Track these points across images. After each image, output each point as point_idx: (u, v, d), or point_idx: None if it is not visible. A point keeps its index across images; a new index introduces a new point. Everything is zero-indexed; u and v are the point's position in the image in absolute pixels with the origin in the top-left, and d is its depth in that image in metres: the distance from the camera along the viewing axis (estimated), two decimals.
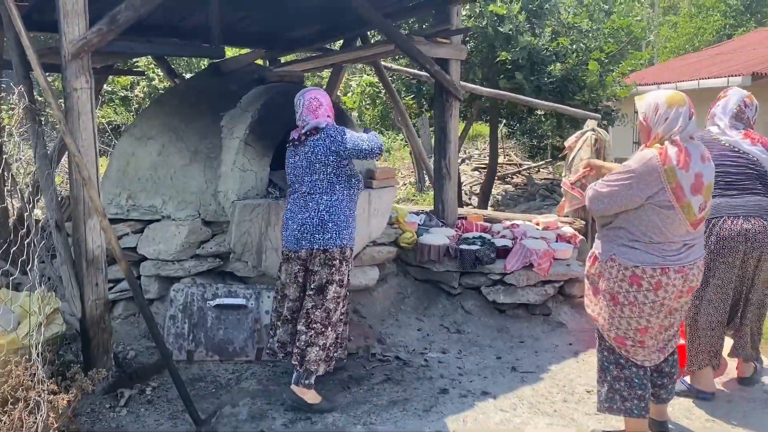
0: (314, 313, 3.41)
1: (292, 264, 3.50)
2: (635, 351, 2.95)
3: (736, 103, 3.56)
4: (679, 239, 2.79)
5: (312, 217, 3.39)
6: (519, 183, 12.22)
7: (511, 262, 4.72)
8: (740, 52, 13.93)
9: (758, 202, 3.43)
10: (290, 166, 3.53)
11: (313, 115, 3.46)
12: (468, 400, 3.58)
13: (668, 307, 2.87)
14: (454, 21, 5.13)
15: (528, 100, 7.08)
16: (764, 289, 3.60)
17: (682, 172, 2.71)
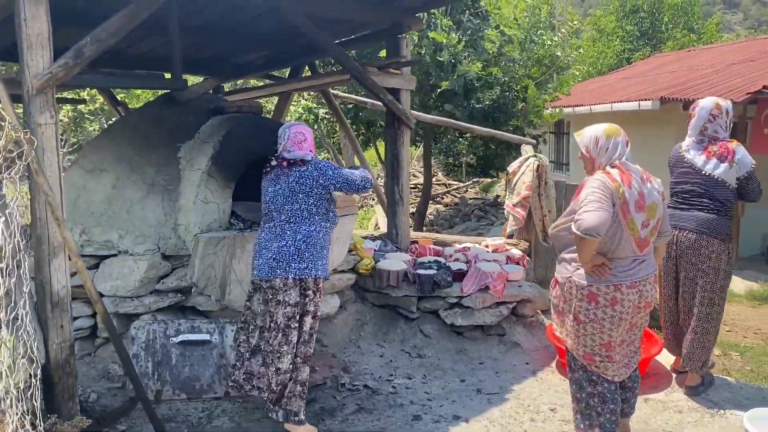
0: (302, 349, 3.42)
1: (266, 293, 3.44)
2: (605, 366, 3.13)
3: (698, 125, 3.94)
4: (627, 257, 3.01)
5: (289, 245, 3.37)
6: (449, 202, 12.53)
7: (467, 285, 4.87)
8: (646, 76, 14.95)
9: (699, 217, 3.89)
10: (269, 193, 3.49)
11: (297, 147, 3.50)
12: (442, 425, 3.67)
13: (627, 321, 3.07)
14: (404, 52, 5.28)
15: (469, 127, 7.35)
16: (701, 301, 3.95)
17: (627, 189, 2.95)
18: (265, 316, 3.47)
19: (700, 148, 3.92)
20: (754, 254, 10.66)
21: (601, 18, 26.79)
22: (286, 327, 3.39)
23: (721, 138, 3.89)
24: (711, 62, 13.25)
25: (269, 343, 3.43)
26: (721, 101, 3.96)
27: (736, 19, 68.35)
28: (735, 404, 3.93)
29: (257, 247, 3.50)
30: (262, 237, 3.51)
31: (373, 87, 4.80)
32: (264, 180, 3.58)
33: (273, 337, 3.41)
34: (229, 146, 4.31)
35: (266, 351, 3.45)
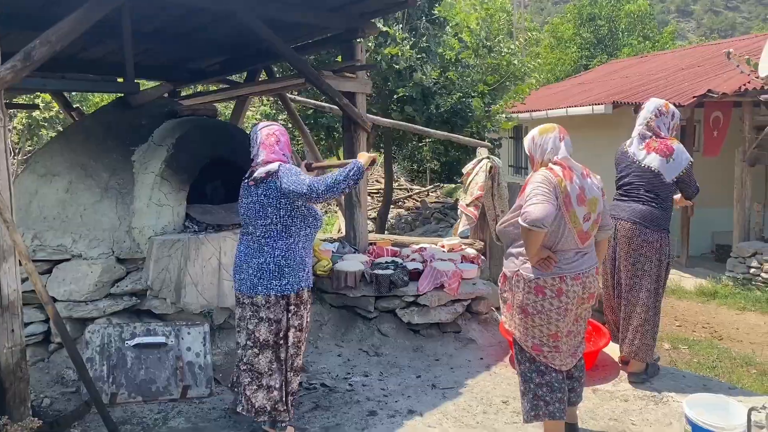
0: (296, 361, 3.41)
1: (247, 309, 3.32)
2: (552, 357, 3.24)
3: (645, 117, 4.14)
4: (570, 249, 3.14)
5: (269, 262, 3.24)
6: (411, 207, 12.67)
7: (423, 284, 4.97)
8: (600, 82, 15.38)
9: (635, 208, 4.10)
10: (243, 206, 3.33)
11: (269, 150, 3.27)
12: (397, 419, 3.74)
13: (572, 312, 3.19)
14: (359, 56, 5.37)
15: (426, 131, 7.48)
16: (638, 289, 4.12)
17: (569, 184, 3.08)
18: (241, 333, 3.35)
19: (642, 143, 4.12)
20: (704, 252, 11.04)
21: (559, 26, 27.37)
22: (275, 344, 3.30)
23: (663, 136, 4.09)
24: (661, 68, 13.69)
25: (253, 362, 3.31)
26: (670, 104, 4.19)
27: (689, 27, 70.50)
28: (677, 392, 4.09)
29: (237, 260, 3.36)
30: (241, 250, 3.36)
31: (328, 90, 4.88)
32: (241, 187, 3.38)
33: (257, 355, 3.29)
34: (183, 149, 4.34)
35: (246, 369, 3.34)
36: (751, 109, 9.19)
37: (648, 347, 4.16)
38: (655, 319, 4.14)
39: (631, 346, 4.18)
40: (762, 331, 7.22)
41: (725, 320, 7.85)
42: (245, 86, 5.83)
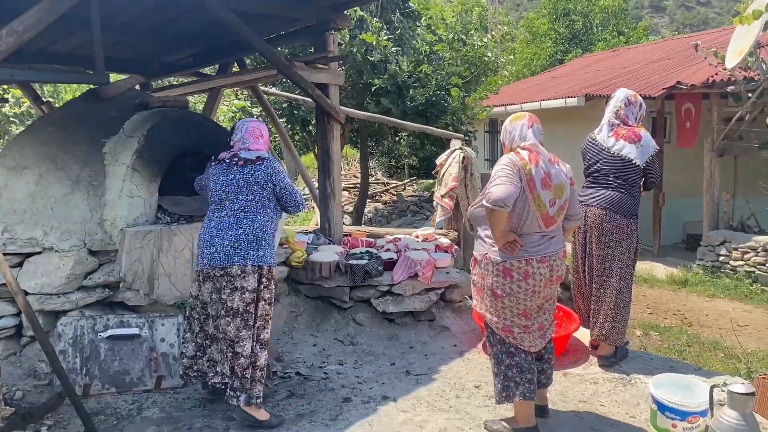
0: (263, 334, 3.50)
1: (219, 281, 3.42)
2: (522, 338, 3.34)
3: (615, 105, 4.25)
4: (536, 232, 3.24)
5: (247, 233, 3.42)
6: (387, 200, 12.72)
7: (397, 273, 5.02)
8: (573, 75, 15.55)
9: (604, 194, 4.18)
10: (221, 182, 3.49)
11: (254, 140, 3.58)
12: (371, 405, 3.78)
13: (540, 294, 3.28)
14: (331, 48, 5.39)
15: (400, 123, 7.51)
16: (609, 274, 4.21)
17: (534, 167, 3.19)
18: (216, 304, 3.45)
19: (611, 130, 4.21)
20: (676, 242, 11.25)
21: (534, 21, 27.59)
22: (245, 312, 3.41)
23: (630, 124, 4.20)
24: (633, 61, 13.89)
25: (226, 330, 3.42)
26: (637, 95, 4.31)
27: (662, 23, 71.38)
28: (645, 374, 4.19)
29: (206, 236, 3.47)
30: (212, 226, 3.48)
31: (300, 82, 4.89)
32: (212, 167, 3.60)
33: (229, 323, 3.40)
34: (154, 141, 4.33)
35: (224, 338, 3.44)
36: (718, 100, 9.37)
37: (618, 331, 4.25)
38: (625, 303, 4.23)
39: (602, 330, 4.27)
40: (730, 317, 7.40)
41: (695, 307, 8.03)
42: (217, 78, 5.82)
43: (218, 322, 3.46)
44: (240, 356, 3.41)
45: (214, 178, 3.56)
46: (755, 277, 8.74)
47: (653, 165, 4.19)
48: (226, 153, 3.60)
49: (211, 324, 3.50)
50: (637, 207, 4.24)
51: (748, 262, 8.90)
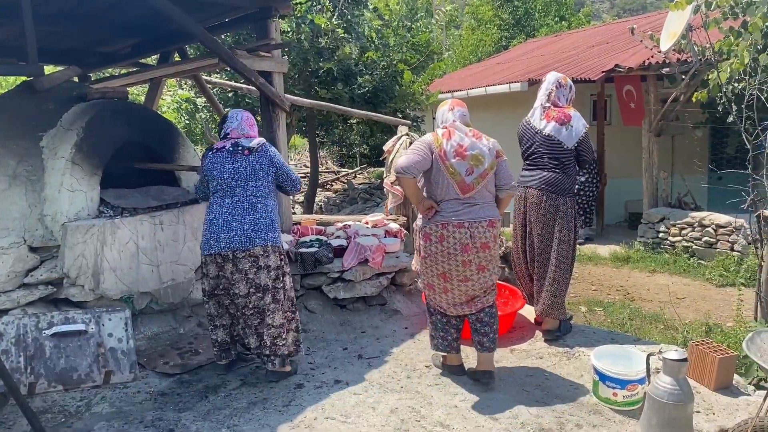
0: (290, 303, 3.90)
1: (242, 262, 3.70)
2: (440, 298, 3.78)
3: (546, 88, 4.44)
4: (453, 199, 3.60)
5: (264, 217, 3.73)
6: (338, 189, 12.73)
7: (347, 259, 5.06)
8: (517, 61, 15.80)
9: (541, 175, 4.35)
10: (229, 170, 3.72)
11: (251, 129, 3.88)
12: (323, 390, 3.83)
13: (457, 257, 3.62)
14: (273, 35, 5.36)
15: (347, 110, 7.52)
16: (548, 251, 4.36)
17: (446, 140, 3.61)
18: (239, 284, 3.73)
19: (543, 113, 4.36)
20: (618, 221, 11.62)
21: (478, 7, 27.84)
22: (273, 288, 3.76)
23: (561, 105, 4.35)
24: (574, 45, 14.20)
25: (257, 305, 3.76)
26: (567, 78, 4.50)
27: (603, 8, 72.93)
28: (588, 346, 4.35)
29: (221, 221, 3.70)
30: (225, 212, 3.72)
31: (243, 70, 4.85)
32: (212, 156, 3.79)
33: (261, 299, 3.75)
34: (94, 133, 4.24)
35: (254, 313, 3.78)
36: (655, 82, 9.69)
37: (559, 305, 4.41)
38: (564, 278, 4.39)
39: (543, 306, 4.42)
40: (669, 291, 7.71)
41: (637, 282, 8.33)
42: (158, 68, 5.70)
43: (245, 300, 3.76)
44: (271, 327, 3.78)
45: (218, 166, 3.76)
46: (692, 251, 9.12)
47: (584, 144, 4.36)
48: (224, 141, 3.84)
49: (232, 302, 3.81)
50: (573, 186, 4.40)
51: (686, 237, 9.27)
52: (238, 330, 3.92)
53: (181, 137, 4.95)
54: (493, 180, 3.72)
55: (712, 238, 8.93)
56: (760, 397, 3.38)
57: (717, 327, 5.56)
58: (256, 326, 3.81)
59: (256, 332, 3.83)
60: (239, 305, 3.79)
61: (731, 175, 5.23)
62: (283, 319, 3.83)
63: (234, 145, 3.78)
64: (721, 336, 4.71)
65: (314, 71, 8.54)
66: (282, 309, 3.83)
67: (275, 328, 3.80)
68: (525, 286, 4.69)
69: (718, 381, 3.68)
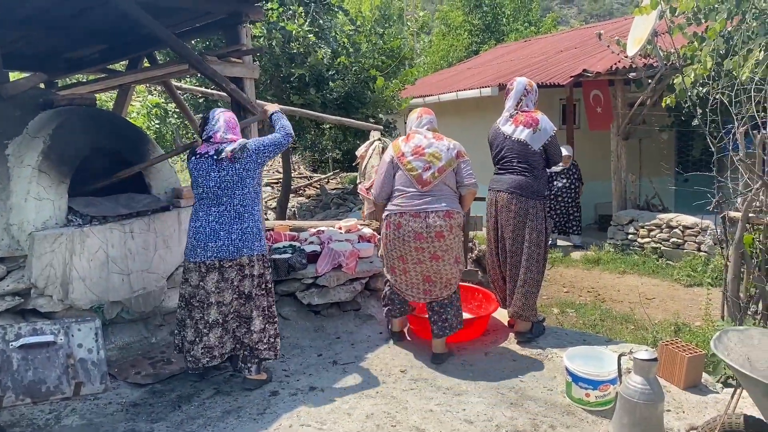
0: (272, 309, 3.90)
1: (228, 271, 3.72)
2: (400, 280, 4.22)
3: (516, 97, 4.51)
4: (411, 190, 4.01)
5: (251, 226, 3.75)
6: (311, 194, 12.68)
7: (321, 265, 5.04)
8: (488, 66, 15.97)
9: (511, 179, 4.43)
10: (214, 179, 3.69)
11: (232, 132, 3.83)
12: (298, 397, 3.81)
13: (411, 244, 4.01)
14: (244, 41, 5.32)
15: (319, 115, 7.51)
16: (520, 254, 4.41)
17: (404, 143, 4.16)
18: (224, 293, 3.74)
19: (510, 118, 4.44)
20: (588, 223, 11.78)
21: (448, 13, 28.05)
22: (257, 295, 3.80)
23: (528, 109, 4.44)
24: (543, 51, 14.40)
25: (240, 311, 3.81)
26: (532, 82, 4.58)
27: (571, 14, 74.08)
28: (560, 348, 4.41)
29: (208, 230, 3.70)
30: (212, 220, 3.71)
31: (213, 76, 4.81)
32: (196, 162, 3.75)
33: (243, 305, 3.80)
34: (61, 140, 4.17)
35: (233, 317, 3.81)
36: (622, 86, 9.87)
37: (530, 307, 4.47)
38: (534, 280, 4.44)
39: (515, 307, 4.47)
40: (639, 291, 7.85)
41: (608, 284, 8.46)
42: (127, 74, 5.62)
43: (228, 308, 3.78)
44: (252, 333, 3.82)
45: (203, 174, 3.72)
46: (660, 252, 9.29)
47: (552, 145, 4.43)
48: (207, 146, 3.78)
49: (215, 311, 3.76)
50: (543, 188, 4.47)
51: (654, 238, 9.45)
52: (216, 339, 3.82)
53: (150, 144, 4.89)
54: (453, 177, 4.11)
55: (679, 239, 9.11)
56: (728, 394, 3.46)
57: (685, 326, 5.68)
58: (234, 329, 3.83)
59: (234, 337, 3.84)
60: (223, 312, 3.78)
61: (697, 177, 5.34)
62: (263, 325, 3.84)
63: (218, 152, 3.73)
64: (690, 335, 4.79)
65: (286, 77, 8.53)
66: (263, 315, 3.84)
67: (256, 333, 3.82)
68: (498, 289, 4.73)
69: (687, 379, 3.75)
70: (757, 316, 4.28)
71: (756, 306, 4.33)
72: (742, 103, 4.33)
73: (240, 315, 3.82)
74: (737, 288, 4.37)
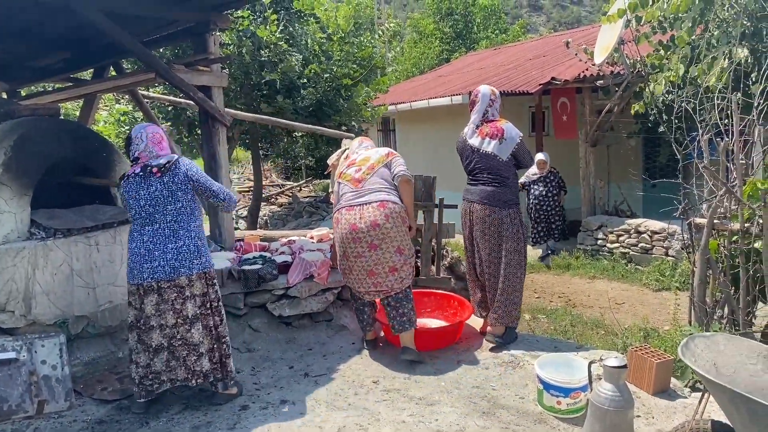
0: (220, 328, 3.72)
1: (167, 292, 3.55)
2: (347, 278, 4.39)
3: (482, 109, 4.51)
4: (348, 194, 4.27)
5: (188, 244, 3.57)
6: (284, 203, 12.60)
7: (292, 275, 4.99)
8: (459, 74, 16.08)
9: (482, 190, 4.45)
10: (144, 197, 3.53)
11: (158, 147, 3.64)
12: (269, 411, 3.76)
13: (349, 235, 4.16)
14: (212, 49, 5.28)
15: (290, 124, 7.46)
16: (497, 263, 4.43)
17: (344, 164, 4.49)
18: (165, 315, 3.57)
19: (476, 129, 4.46)
20: None
21: (420, 21, 28.24)
22: (201, 315, 3.63)
23: (494, 118, 4.47)
24: (512, 59, 14.55)
25: (185, 336, 3.61)
26: (494, 89, 4.59)
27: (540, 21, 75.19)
28: (532, 355, 4.42)
29: (143, 250, 3.54)
30: (146, 240, 3.55)
31: (181, 85, 4.76)
32: (127, 183, 3.59)
33: (189, 330, 3.60)
34: (23, 152, 4.06)
35: (181, 344, 3.61)
36: (590, 94, 10.01)
37: (509, 314, 4.50)
38: (515, 287, 4.47)
39: (496, 314, 4.50)
40: (609, 296, 7.94)
41: (578, 289, 8.55)
42: (92, 83, 5.52)
43: (173, 331, 3.60)
44: (203, 355, 3.65)
45: (133, 194, 3.56)
46: (629, 257, 9.43)
47: (520, 153, 4.47)
48: (134, 166, 3.64)
49: (157, 335, 3.59)
50: (515, 196, 4.50)
51: (623, 243, 9.58)
52: (163, 364, 3.63)
53: (117, 154, 4.80)
54: (387, 172, 4.31)
55: (647, 244, 9.25)
56: (696, 399, 3.50)
57: (654, 331, 5.74)
58: (184, 357, 3.63)
59: (184, 364, 3.64)
60: (167, 335, 3.60)
61: (664, 183, 5.42)
62: (211, 345, 3.68)
63: (144, 168, 3.58)
64: (659, 340, 4.85)
65: (256, 84, 8.46)
66: (209, 336, 3.68)
67: (208, 353, 3.68)
68: (475, 297, 4.74)
69: (656, 385, 3.79)
70: (723, 321, 4.34)
71: (722, 311, 4.39)
72: (706, 111, 4.41)
73: (185, 340, 3.61)
74: (704, 293, 4.43)
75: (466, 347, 4.68)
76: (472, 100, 4.56)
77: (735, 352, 2.75)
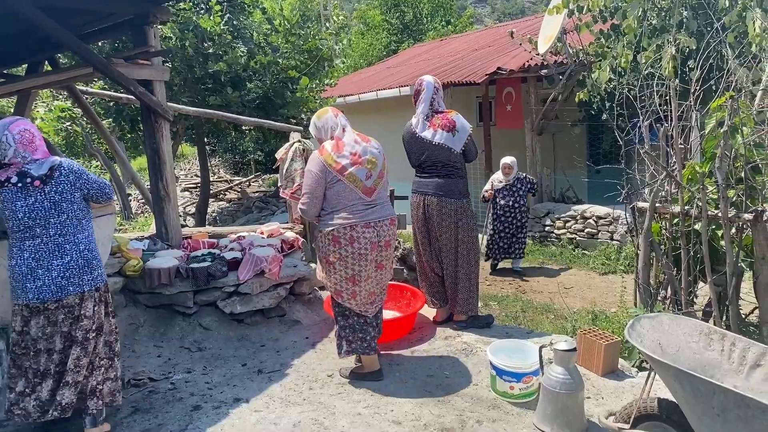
0: (100, 352, 3.35)
1: (54, 314, 3.17)
2: (350, 301, 3.80)
3: (428, 98, 4.48)
4: (358, 202, 3.66)
5: (76, 259, 3.19)
6: (233, 198, 12.40)
7: (243, 272, 4.91)
8: (406, 65, 16.11)
9: (437, 182, 4.44)
10: (22, 210, 3.10)
11: (31, 148, 3.16)
12: (222, 410, 3.69)
13: (369, 258, 3.69)
14: (152, 42, 5.12)
15: (236, 117, 7.32)
16: (454, 252, 4.47)
17: (337, 154, 3.64)
18: (53, 338, 3.19)
19: (427, 122, 4.43)
20: None
21: (367, 12, 28.16)
22: (85, 339, 3.25)
23: (442, 110, 4.46)
24: (459, 50, 14.66)
25: (76, 362, 3.23)
26: (437, 78, 4.59)
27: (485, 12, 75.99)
28: (484, 342, 4.47)
29: (24, 269, 3.12)
30: (28, 257, 3.13)
31: (120, 79, 4.60)
32: (7, 193, 3.12)
33: (72, 355, 3.22)
34: None
35: (67, 370, 3.21)
36: (535, 83, 10.18)
37: (472, 302, 4.62)
38: (473, 275, 4.56)
39: (459, 305, 4.57)
40: (558, 281, 8.12)
41: (528, 276, 8.70)
42: (25, 79, 5.28)
43: (60, 356, 3.22)
44: (88, 381, 3.31)
45: (9, 205, 3.11)
46: (576, 242, 9.65)
47: (470, 144, 4.51)
48: (4, 172, 3.13)
49: (44, 360, 3.21)
50: (466, 187, 4.55)
51: (570, 229, 9.80)
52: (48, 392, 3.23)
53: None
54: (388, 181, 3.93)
55: (593, 229, 9.49)
56: (643, 378, 3.60)
57: (602, 314, 5.90)
58: (70, 383, 3.23)
59: (70, 388, 3.24)
60: (54, 360, 3.22)
61: (608, 169, 5.56)
62: (101, 369, 3.35)
63: (20, 176, 3.10)
64: (606, 323, 4.98)
65: (201, 78, 8.27)
66: (99, 357, 3.34)
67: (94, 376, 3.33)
68: (429, 289, 4.76)
69: (605, 366, 3.89)
70: (667, 301, 4.49)
71: (665, 291, 4.55)
72: (647, 97, 4.53)
73: (74, 364, 3.23)
74: (648, 275, 4.57)
75: (419, 337, 4.69)
76: (417, 90, 4.54)
77: (678, 331, 2.84)
